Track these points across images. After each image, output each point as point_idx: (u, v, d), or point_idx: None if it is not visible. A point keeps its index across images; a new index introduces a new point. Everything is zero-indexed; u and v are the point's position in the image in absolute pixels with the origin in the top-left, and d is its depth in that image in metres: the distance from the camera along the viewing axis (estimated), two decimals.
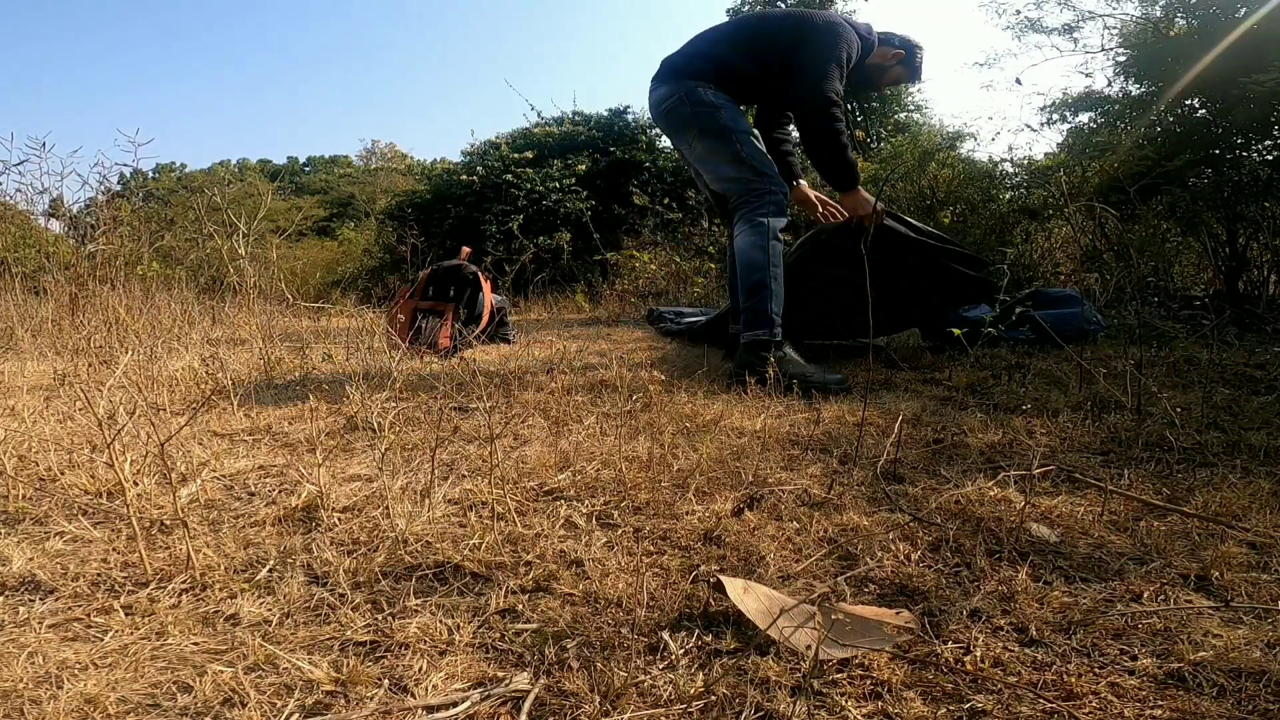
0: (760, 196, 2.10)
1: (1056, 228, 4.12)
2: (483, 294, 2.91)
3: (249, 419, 1.66)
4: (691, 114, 2.18)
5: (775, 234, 2.08)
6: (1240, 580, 0.84)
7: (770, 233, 2.07)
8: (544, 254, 5.56)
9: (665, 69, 2.28)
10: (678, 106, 2.20)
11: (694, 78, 2.20)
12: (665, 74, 2.28)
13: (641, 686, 0.66)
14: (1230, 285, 3.25)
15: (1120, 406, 1.60)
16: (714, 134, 2.16)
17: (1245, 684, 0.65)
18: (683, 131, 2.24)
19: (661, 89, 2.26)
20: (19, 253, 4.13)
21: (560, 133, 7.28)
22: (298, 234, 8.78)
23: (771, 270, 2.04)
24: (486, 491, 1.14)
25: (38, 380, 2.18)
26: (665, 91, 2.24)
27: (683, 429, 1.51)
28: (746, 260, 2.07)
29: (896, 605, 0.80)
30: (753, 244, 2.06)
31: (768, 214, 2.09)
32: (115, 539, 1.01)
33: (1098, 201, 3.05)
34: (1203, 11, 3.17)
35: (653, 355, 2.63)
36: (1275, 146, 3.08)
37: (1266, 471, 1.20)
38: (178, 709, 0.65)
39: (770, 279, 2.04)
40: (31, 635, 0.76)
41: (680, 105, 2.20)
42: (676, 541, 0.98)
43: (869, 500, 1.12)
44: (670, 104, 2.22)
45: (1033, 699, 0.63)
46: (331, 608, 0.81)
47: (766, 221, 2.08)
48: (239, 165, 22.60)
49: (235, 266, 4.32)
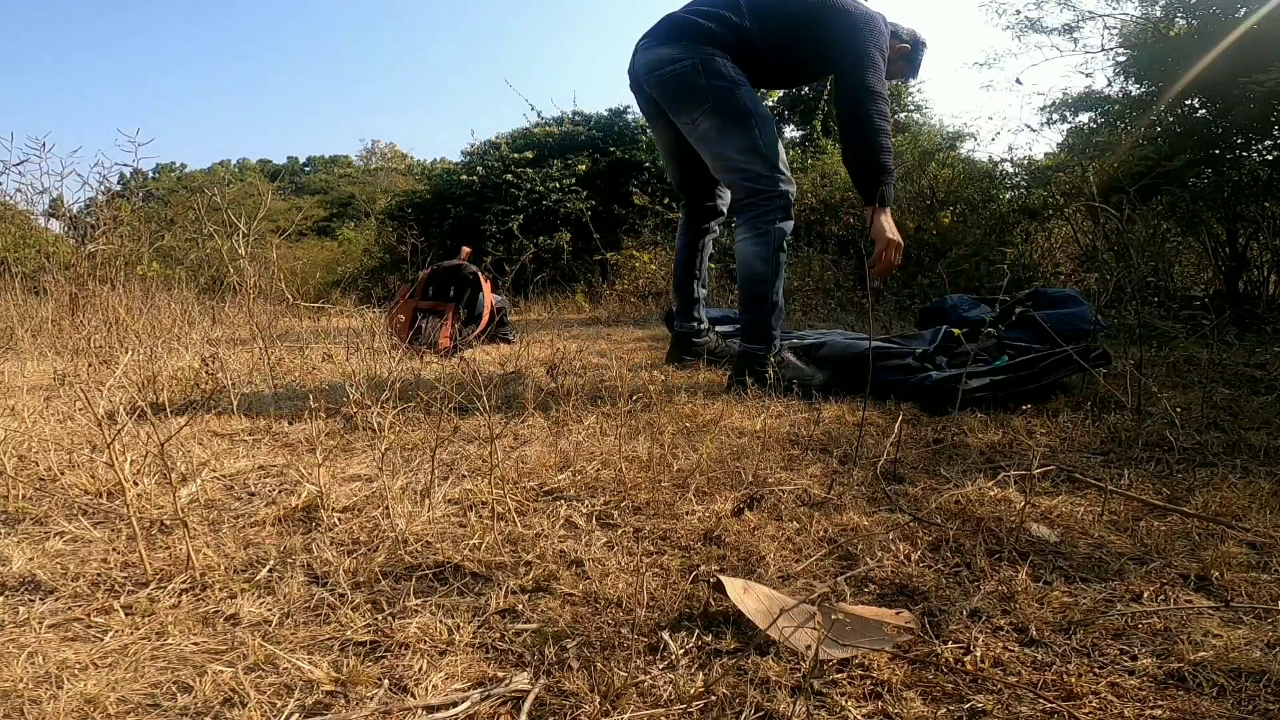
0: (770, 198, 1.94)
1: (1056, 228, 4.11)
2: (483, 294, 2.91)
3: (249, 419, 1.66)
4: (707, 86, 1.93)
5: (781, 243, 1.95)
6: (1240, 580, 0.84)
7: (776, 242, 1.93)
8: (544, 254, 5.56)
9: (670, 27, 2.02)
10: (689, 74, 1.94)
11: (711, 44, 1.96)
12: (669, 32, 2.01)
13: (641, 686, 0.66)
14: (1230, 285, 3.25)
15: (1120, 406, 1.60)
16: (730, 114, 1.94)
17: (1245, 684, 0.65)
18: (688, 104, 1.98)
19: (664, 49, 2.00)
20: (19, 253, 4.13)
21: (560, 133, 7.27)
22: (298, 234, 8.78)
23: (775, 284, 1.94)
24: (486, 491, 1.14)
25: (38, 380, 2.18)
26: (670, 54, 1.98)
27: (683, 429, 1.51)
28: (749, 271, 1.95)
29: (896, 605, 0.80)
30: (756, 253, 1.94)
31: (775, 219, 1.94)
32: (115, 539, 1.01)
33: (1097, 202, 3.05)
34: (1203, 11, 3.17)
35: (653, 355, 2.63)
36: (1275, 146, 3.08)
37: (1266, 471, 1.20)
38: (178, 709, 0.65)
39: (772, 292, 1.94)
40: (31, 635, 0.76)
41: (693, 73, 1.94)
42: (676, 541, 0.98)
43: (869, 500, 1.12)
44: (679, 69, 1.96)
45: (1033, 699, 0.63)
46: (331, 608, 0.81)
47: (772, 229, 1.93)
48: (239, 165, 22.63)
49: (235, 266, 4.31)
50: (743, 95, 1.95)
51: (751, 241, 1.96)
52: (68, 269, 3.56)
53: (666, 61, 1.99)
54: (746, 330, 1.97)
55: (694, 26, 1.99)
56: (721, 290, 4.46)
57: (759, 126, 1.96)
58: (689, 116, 2.01)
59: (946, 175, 4.34)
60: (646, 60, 2.04)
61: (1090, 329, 2.10)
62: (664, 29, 2.04)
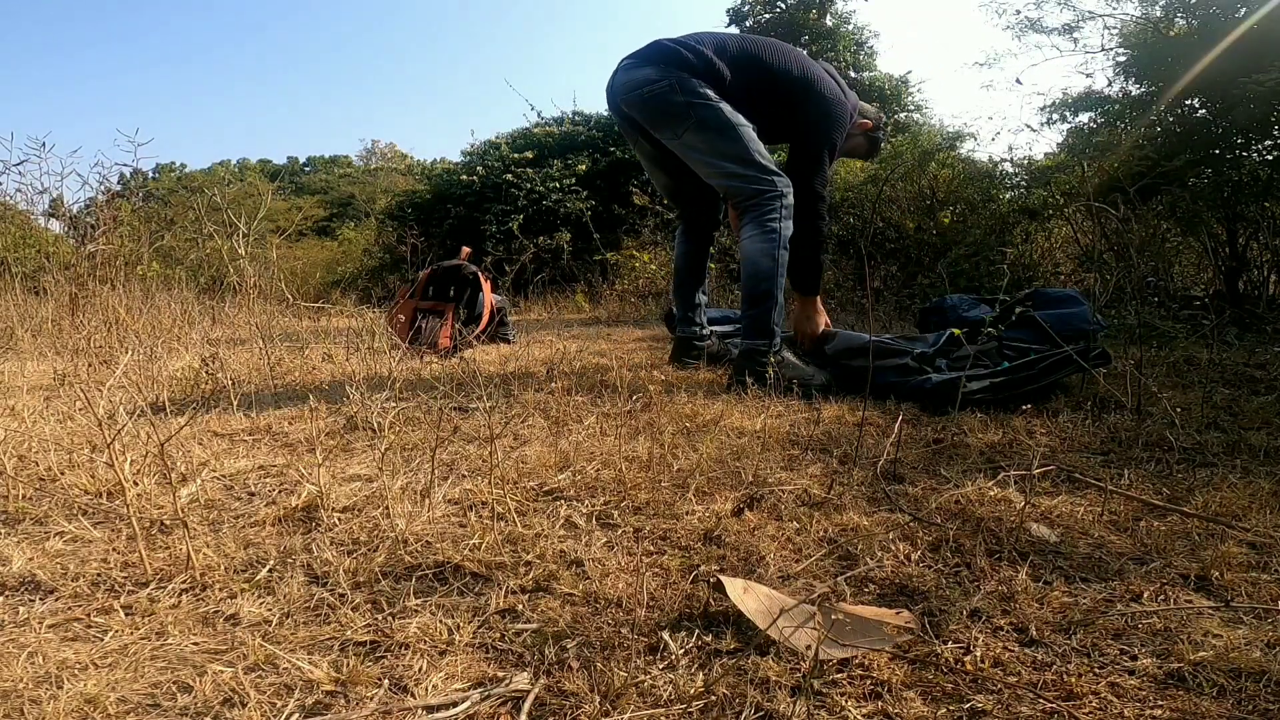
0: (773, 198, 2.00)
1: (1057, 228, 4.11)
2: (483, 294, 2.91)
3: (249, 419, 1.66)
4: (687, 103, 2.00)
5: (786, 241, 2.00)
6: (1240, 580, 0.84)
7: (782, 240, 1.99)
8: (544, 254, 5.56)
9: (655, 52, 2.09)
10: (667, 93, 2.01)
11: (686, 69, 2.02)
12: (653, 56, 2.08)
13: (641, 686, 0.66)
14: (1230, 285, 3.25)
15: (1120, 406, 1.60)
16: (715, 128, 2.01)
17: (1245, 684, 0.65)
18: (671, 121, 2.04)
19: (645, 70, 2.06)
20: (19, 253, 4.13)
21: (560, 133, 7.27)
22: (298, 234, 8.78)
23: (778, 280, 1.99)
24: (486, 491, 1.13)
25: (38, 380, 2.18)
26: (647, 74, 2.04)
27: (683, 429, 1.51)
28: (755, 267, 2.00)
29: (896, 605, 0.80)
30: (763, 250, 1.98)
31: (780, 218, 1.99)
32: (115, 539, 1.01)
33: (1097, 201, 3.05)
34: (1203, 11, 3.17)
35: (653, 355, 2.63)
36: (1275, 146, 3.08)
37: (1266, 471, 1.20)
38: (178, 709, 0.65)
39: (776, 289, 1.98)
40: (31, 635, 0.76)
41: (672, 92, 2.00)
42: (676, 541, 0.98)
43: (869, 500, 1.12)
44: (656, 89, 2.02)
45: (1033, 699, 0.63)
46: (331, 608, 0.81)
47: (779, 227, 1.99)
48: (239, 165, 22.62)
49: (235, 266, 4.32)
50: (724, 109, 2.02)
51: (758, 238, 2.00)
52: (68, 269, 3.56)
53: (644, 82, 2.05)
54: (750, 325, 2.01)
55: (673, 53, 2.06)
56: (722, 290, 4.46)
57: (745, 137, 2.03)
58: (672, 132, 2.07)
59: (946, 175, 4.34)
60: (625, 80, 2.11)
61: (1090, 329, 2.10)
62: (646, 53, 2.11)
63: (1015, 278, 3.23)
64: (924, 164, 4.34)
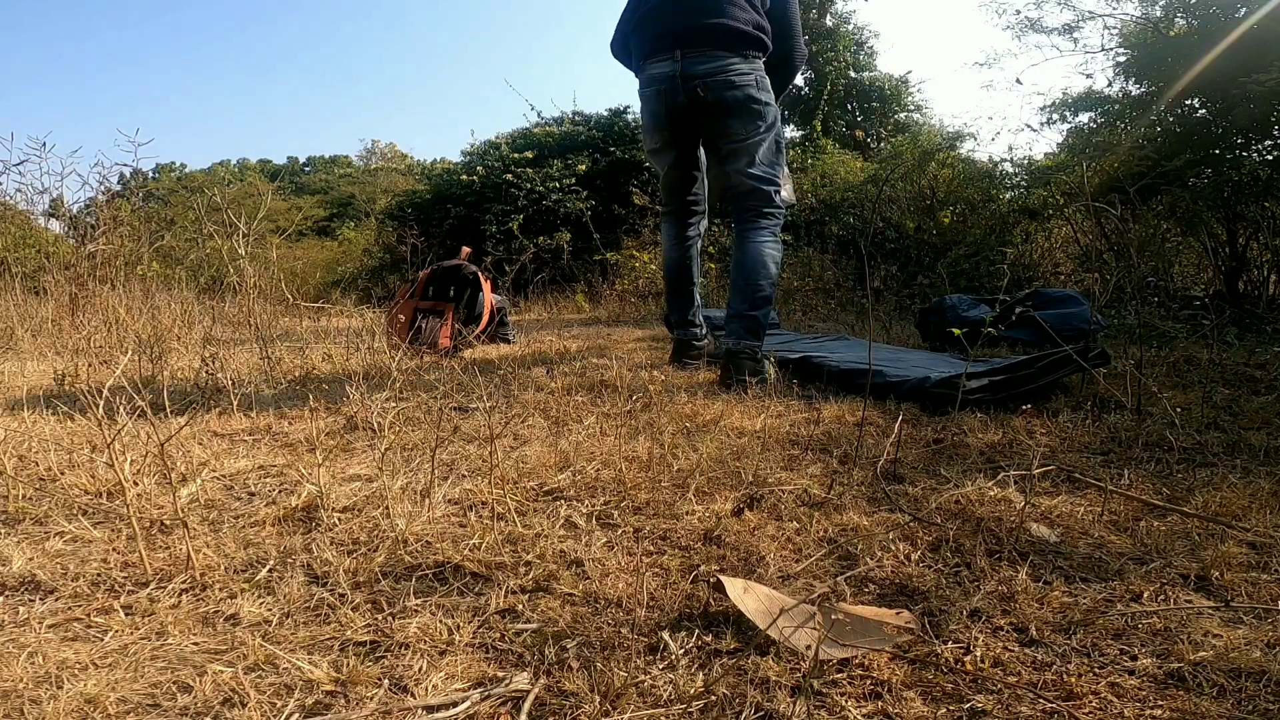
0: (781, 214, 2.15)
1: (1056, 228, 4.11)
2: (483, 294, 2.91)
3: (249, 419, 1.66)
4: (765, 107, 2.03)
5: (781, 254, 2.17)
6: (1240, 580, 0.84)
7: (781, 250, 2.15)
8: (544, 254, 5.56)
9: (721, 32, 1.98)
10: (759, 93, 2.01)
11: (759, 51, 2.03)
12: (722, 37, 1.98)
13: (641, 686, 0.66)
14: (1230, 285, 3.25)
15: (1120, 406, 1.60)
16: (777, 135, 2.12)
17: (1245, 684, 0.65)
18: (748, 119, 2.03)
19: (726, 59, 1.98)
20: (19, 253, 4.13)
21: (560, 133, 7.28)
22: (298, 234, 8.79)
23: (775, 285, 2.12)
24: (486, 491, 1.13)
25: (38, 380, 2.18)
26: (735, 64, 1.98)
27: (683, 429, 1.51)
28: (765, 271, 2.09)
29: (896, 605, 0.80)
30: (774, 257, 2.10)
31: (779, 229, 2.15)
32: (115, 539, 1.01)
33: (1097, 202, 3.04)
34: (1203, 11, 3.17)
35: (653, 355, 2.63)
36: (1275, 146, 3.08)
37: (1266, 471, 1.20)
38: (178, 709, 0.65)
39: (773, 295, 2.11)
40: (31, 635, 0.76)
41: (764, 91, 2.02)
42: (676, 541, 0.98)
43: (869, 500, 1.12)
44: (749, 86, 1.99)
45: (1033, 699, 0.63)
46: (331, 608, 0.81)
47: (779, 238, 2.14)
48: (239, 165, 22.64)
49: (235, 266, 4.31)
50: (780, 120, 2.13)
51: (771, 245, 2.12)
52: (68, 269, 3.56)
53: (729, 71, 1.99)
54: (747, 325, 2.04)
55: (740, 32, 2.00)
56: (721, 291, 4.46)
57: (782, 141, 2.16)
58: (744, 127, 2.04)
59: (946, 175, 4.34)
60: (708, 68, 2.00)
61: (1090, 328, 2.10)
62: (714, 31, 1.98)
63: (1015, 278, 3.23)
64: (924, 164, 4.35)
